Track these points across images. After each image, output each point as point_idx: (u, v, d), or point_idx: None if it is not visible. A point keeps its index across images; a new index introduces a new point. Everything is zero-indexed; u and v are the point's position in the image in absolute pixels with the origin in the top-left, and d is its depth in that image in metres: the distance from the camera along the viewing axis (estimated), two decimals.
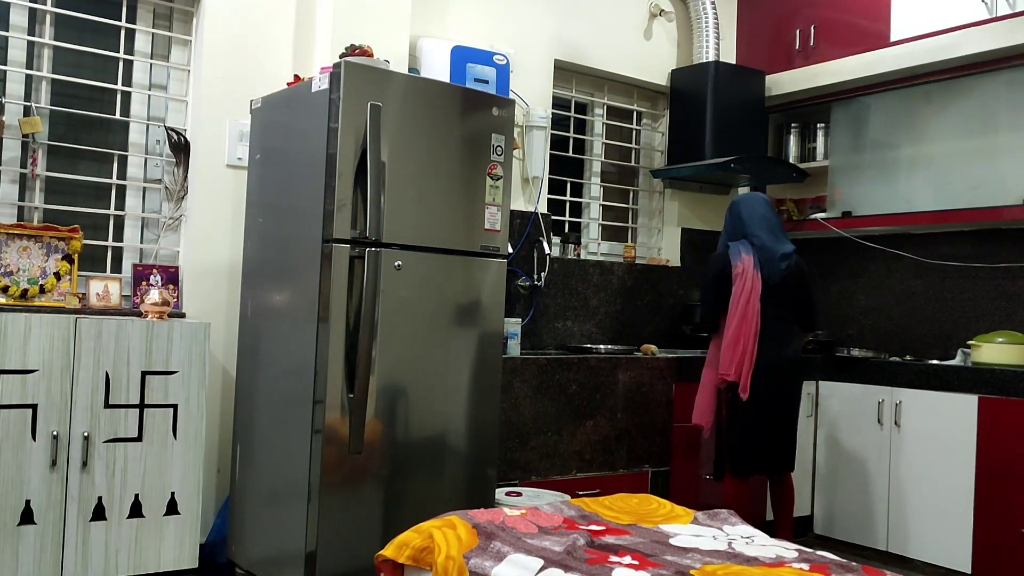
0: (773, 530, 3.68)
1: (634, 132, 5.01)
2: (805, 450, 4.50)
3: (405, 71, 3.62)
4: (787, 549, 2.22)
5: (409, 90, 3.10)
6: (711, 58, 4.76)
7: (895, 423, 4.16)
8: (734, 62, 5.01)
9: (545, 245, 4.31)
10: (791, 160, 5.00)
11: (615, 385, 3.91)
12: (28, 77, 3.42)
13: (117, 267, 3.57)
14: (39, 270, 3.27)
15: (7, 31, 3.36)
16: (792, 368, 3.81)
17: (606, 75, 4.77)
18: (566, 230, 4.68)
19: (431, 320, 3.11)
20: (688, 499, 3.31)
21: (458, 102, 3.20)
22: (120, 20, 3.56)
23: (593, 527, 2.32)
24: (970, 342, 4.13)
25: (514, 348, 3.78)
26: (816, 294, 4.08)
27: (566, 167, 4.74)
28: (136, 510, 3.04)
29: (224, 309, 3.57)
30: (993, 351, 4.00)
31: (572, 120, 4.76)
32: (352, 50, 3.16)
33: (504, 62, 3.95)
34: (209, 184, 3.60)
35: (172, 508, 3.11)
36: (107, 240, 3.55)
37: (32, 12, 3.42)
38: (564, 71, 4.61)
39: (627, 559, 2.03)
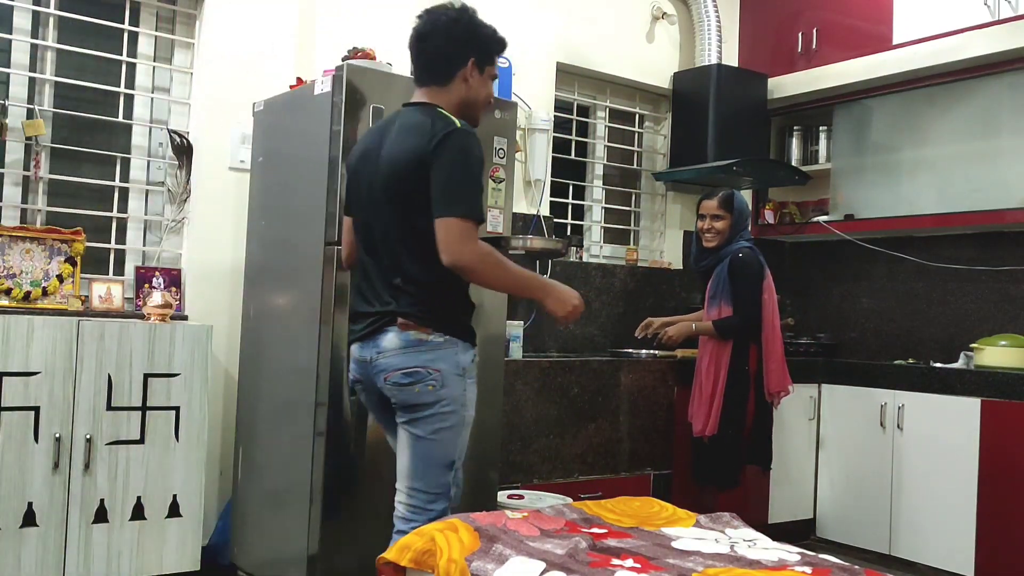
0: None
1: (636, 135, 5.01)
2: (807, 453, 4.50)
3: (407, 74, 3.60)
4: (789, 552, 2.22)
5: (411, 92, 3.09)
6: (713, 61, 4.76)
7: (898, 426, 4.16)
8: (736, 65, 5.01)
9: None
10: (793, 163, 5.00)
11: (617, 388, 3.91)
12: (31, 80, 3.42)
13: (120, 270, 3.58)
14: (42, 272, 3.28)
15: (10, 34, 3.36)
16: None
17: (608, 78, 4.77)
18: (568, 233, 4.68)
19: None
20: (690, 502, 3.30)
21: None
22: (123, 23, 3.57)
23: (595, 530, 2.32)
24: (973, 345, 4.12)
25: (516, 351, 3.78)
26: None
27: (568, 170, 4.74)
28: (138, 512, 3.04)
29: (226, 311, 3.58)
30: (996, 354, 3.99)
31: (574, 123, 4.76)
32: (354, 52, 3.16)
33: (506, 65, 3.95)
34: (211, 187, 3.60)
35: (174, 510, 3.11)
36: (110, 243, 3.55)
37: (35, 15, 3.43)
38: (566, 74, 4.62)
39: (629, 562, 2.03)
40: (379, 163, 2.36)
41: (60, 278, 3.29)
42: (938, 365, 4.21)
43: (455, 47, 2.36)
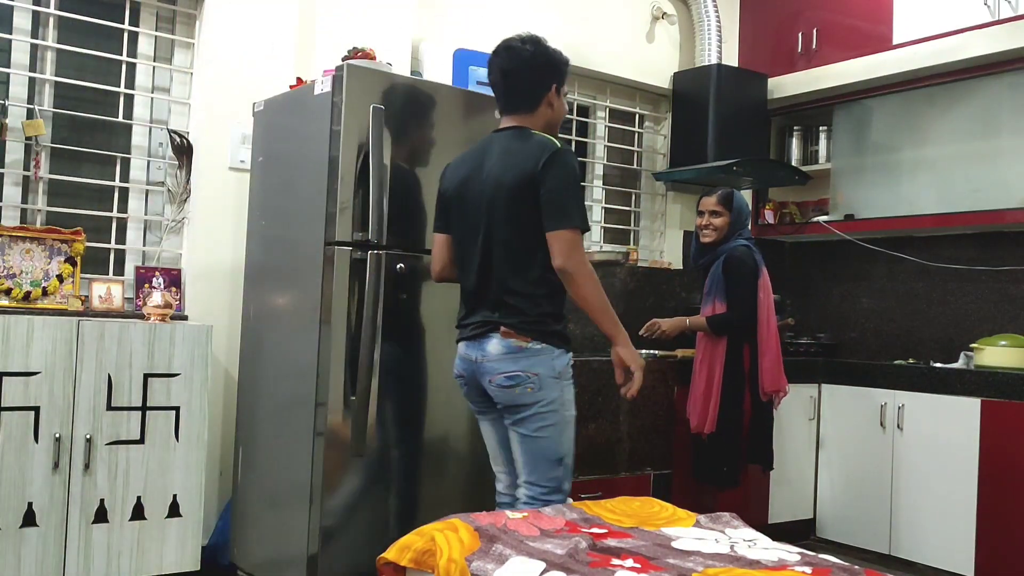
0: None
1: (636, 135, 5.01)
2: (807, 453, 4.50)
3: (408, 74, 3.62)
4: (789, 552, 2.22)
5: (411, 92, 3.10)
6: (713, 61, 4.76)
7: (898, 426, 4.16)
8: (736, 65, 5.01)
9: None
10: (793, 163, 5.00)
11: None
12: (31, 80, 3.42)
13: (120, 270, 3.58)
14: (42, 272, 3.28)
15: (10, 34, 3.36)
16: None
17: (608, 78, 4.77)
18: None
19: (433, 322, 3.11)
20: (690, 502, 3.30)
21: (460, 104, 3.20)
22: (123, 23, 3.57)
23: (595, 530, 2.32)
24: (973, 345, 4.12)
25: None
26: None
27: None
28: (138, 512, 3.05)
29: (226, 311, 3.57)
30: (996, 354, 3.99)
31: (574, 123, 4.76)
32: (354, 52, 3.17)
33: None
34: (211, 187, 3.60)
35: (174, 510, 3.11)
36: (110, 243, 3.55)
37: (35, 15, 3.43)
38: None
39: (629, 562, 2.03)
40: (484, 185, 2.59)
41: (60, 278, 3.29)
42: (938, 365, 4.21)
43: (539, 78, 2.64)
